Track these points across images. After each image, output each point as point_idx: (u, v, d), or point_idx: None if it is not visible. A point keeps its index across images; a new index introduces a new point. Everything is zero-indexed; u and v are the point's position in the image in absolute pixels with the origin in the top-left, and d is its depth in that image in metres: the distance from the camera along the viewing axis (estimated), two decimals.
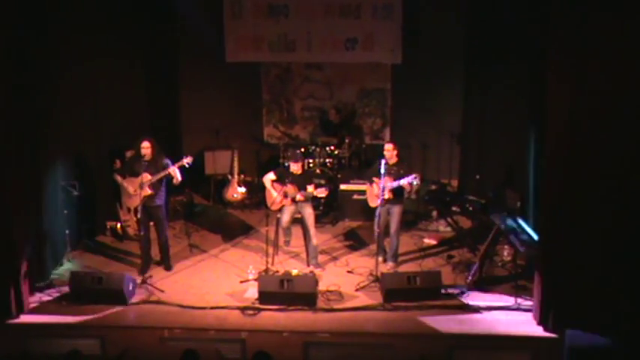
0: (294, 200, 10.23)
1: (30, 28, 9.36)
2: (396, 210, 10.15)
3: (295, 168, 10.24)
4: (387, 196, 9.91)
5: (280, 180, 10.34)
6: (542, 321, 8.75)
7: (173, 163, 9.90)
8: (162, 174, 9.88)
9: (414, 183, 9.82)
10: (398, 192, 10.06)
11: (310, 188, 10.14)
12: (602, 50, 7.92)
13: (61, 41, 10.09)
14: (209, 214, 12.80)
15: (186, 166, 9.96)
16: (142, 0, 12.43)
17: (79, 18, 10.47)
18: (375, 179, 10.14)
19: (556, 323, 8.58)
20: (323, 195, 10.43)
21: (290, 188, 10.20)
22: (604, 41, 7.89)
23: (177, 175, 9.89)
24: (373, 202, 10.24)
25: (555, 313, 8.61)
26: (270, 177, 10.43)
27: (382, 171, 9.89)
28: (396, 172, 9.98)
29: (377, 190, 10.04)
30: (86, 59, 10.77)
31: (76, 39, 10.45)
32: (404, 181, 9.80)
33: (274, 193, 10.30)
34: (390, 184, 9.87)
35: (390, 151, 10.15)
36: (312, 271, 10.11)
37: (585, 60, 7.97)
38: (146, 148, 9.93)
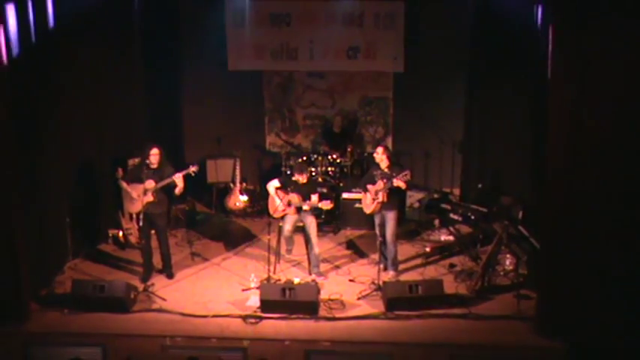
0: (297, 209, 10.23)
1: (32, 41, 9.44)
2: (391, 216, 10.12)
3: (300, 178, 10.25)
4: (381, 199, 9.92)
5: (284, 188, 10.34)
6: (543, 330, 8.71)
7: (178, 172, 9.90)
8: (166, 181, 9.86)
9: (407, 179, 9.86)
10: (392, 197, 10.07)
11: (315, 198, 10.16)
12: (605, 52, 7.90)
13: (63, 51, 10.13)
14: (211, 223, 12.78)
15: (192, 174, 9.96)
16: (143, 8, 12.47)
17: (81, 28, 10.49)
18: (368, 187, 10.14)
19: (558, 333, 8.56)
20: (327, 207, 10.39)
21: (294, 197, 10.20)
22: (607, 43, 7.87)
23: (180, 184, 9.89)
24: (368, 209, 10.24)
25: (557, 323, 8.59)
26: (274, 184, 10.42)
27: (376, 178, 10.00)
28: (389, 176, 9.99)
29: (371, 196, 10.05)
30: (88, 68, 10.81)
31: (77, 49, 10.49)
32: (398, 182, 9.81)
33: (278, 201, 10.31)
34: (384, 186, 9.88)
35: (379, 154, 10.17)
36: (313, 280, 10.10)
37: (588, 62, 7.93)
38: (155, 155, 9.92)
